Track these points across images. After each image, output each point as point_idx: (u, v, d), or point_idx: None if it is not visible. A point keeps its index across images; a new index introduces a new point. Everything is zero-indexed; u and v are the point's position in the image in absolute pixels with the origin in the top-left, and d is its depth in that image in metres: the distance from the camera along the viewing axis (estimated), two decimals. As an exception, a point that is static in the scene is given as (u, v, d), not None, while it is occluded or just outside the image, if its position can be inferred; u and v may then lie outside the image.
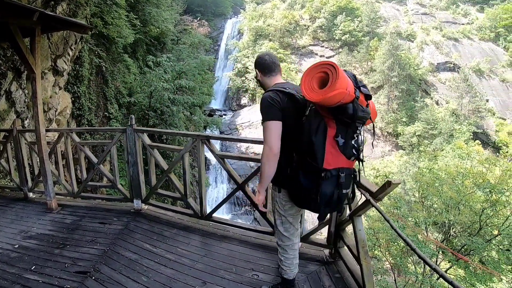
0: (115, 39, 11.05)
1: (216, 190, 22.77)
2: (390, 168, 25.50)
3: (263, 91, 2.38)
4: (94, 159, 4.50)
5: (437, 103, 33.15)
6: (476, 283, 6.62)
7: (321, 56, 35.51)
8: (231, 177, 3.65)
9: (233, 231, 3.75)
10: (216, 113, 31.54)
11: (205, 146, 3.71)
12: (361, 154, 2.08)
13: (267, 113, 2.11)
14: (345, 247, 3.28)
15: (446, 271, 8.11)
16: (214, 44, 36.69)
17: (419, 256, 1.83)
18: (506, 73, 35.09)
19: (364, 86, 2.06)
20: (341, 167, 2.03)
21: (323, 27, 37.08)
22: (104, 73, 10.64)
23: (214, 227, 3.85)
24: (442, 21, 40.28)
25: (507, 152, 24.16)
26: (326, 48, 36.64)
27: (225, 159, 3.69)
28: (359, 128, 2.02)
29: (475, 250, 6.70)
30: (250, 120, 31.02)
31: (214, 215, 3.96)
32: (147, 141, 4.12)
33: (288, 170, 2.21)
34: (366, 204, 2.60)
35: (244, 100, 34.01)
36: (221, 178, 23.03)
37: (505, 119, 31.40)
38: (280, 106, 2.10)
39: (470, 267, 6.96)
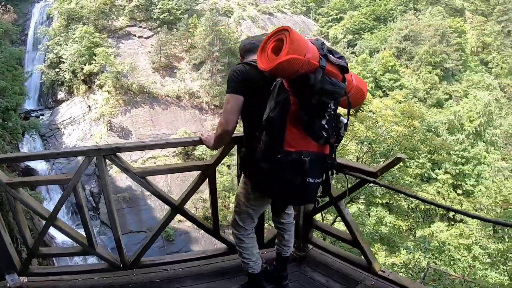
0: None
1: (52, 203, 17.95)
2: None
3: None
4: None
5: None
6: None
7: (139, 37, 34.16)
8: (161, 199, 2.65)
9: (173, 269, 2.82)
10: (32, 114, 26.50)
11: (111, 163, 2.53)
12: (332, 139, 1.76)
13: (228, 86, 1.98)
14: (314, 235, 2.99)
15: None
16: (21, 34, 29.61)
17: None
18: (317, 40, 43.12)
19: (341, 57, 1.79)
20: (306, 151, 1.74)
21: (141, 6, 35.25)
22: None
23: (143, 273, 2.79)
24: (258, -2, 44.92)
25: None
26: (144, 28, 35.18)
27: (146, 177, 2.62)
28: (330, 106, 1.70)
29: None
30: (71, 116, 26.99)
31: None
32: (4, 177, 2.47)
33: (251, 153, 1.96)
34: (359, 186, 2.31)
35: (61, 95, 28.90)
36: (54, 188, 18.77)
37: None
38: (243, 77, 1.94)
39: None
